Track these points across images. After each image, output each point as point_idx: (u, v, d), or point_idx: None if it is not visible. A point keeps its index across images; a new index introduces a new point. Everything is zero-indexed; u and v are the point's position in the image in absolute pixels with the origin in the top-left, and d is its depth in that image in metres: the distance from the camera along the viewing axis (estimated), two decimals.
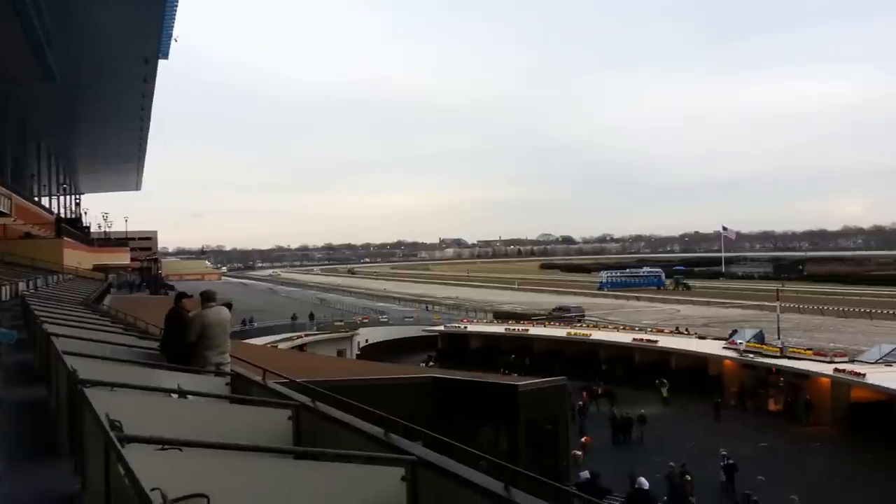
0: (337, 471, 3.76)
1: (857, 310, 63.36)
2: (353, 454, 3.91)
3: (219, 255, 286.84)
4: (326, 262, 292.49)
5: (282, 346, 39.79)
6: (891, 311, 61.07)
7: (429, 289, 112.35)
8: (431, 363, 41.40)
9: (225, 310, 7.76)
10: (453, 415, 15.46)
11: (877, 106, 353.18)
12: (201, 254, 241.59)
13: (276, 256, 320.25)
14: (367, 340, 49.43)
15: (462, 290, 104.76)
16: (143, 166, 69.58)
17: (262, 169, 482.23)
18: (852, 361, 29.49)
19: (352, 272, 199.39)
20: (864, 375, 26.94)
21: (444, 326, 51.51)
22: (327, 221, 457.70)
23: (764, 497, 19.27)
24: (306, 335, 46.86)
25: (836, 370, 28.14)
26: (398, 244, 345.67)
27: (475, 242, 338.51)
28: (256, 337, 41.67)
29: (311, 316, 56.84)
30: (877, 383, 26.34)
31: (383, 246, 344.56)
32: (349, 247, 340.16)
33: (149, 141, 57.26)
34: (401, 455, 3.99)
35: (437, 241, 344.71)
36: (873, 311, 62.07)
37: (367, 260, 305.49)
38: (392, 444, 4.41)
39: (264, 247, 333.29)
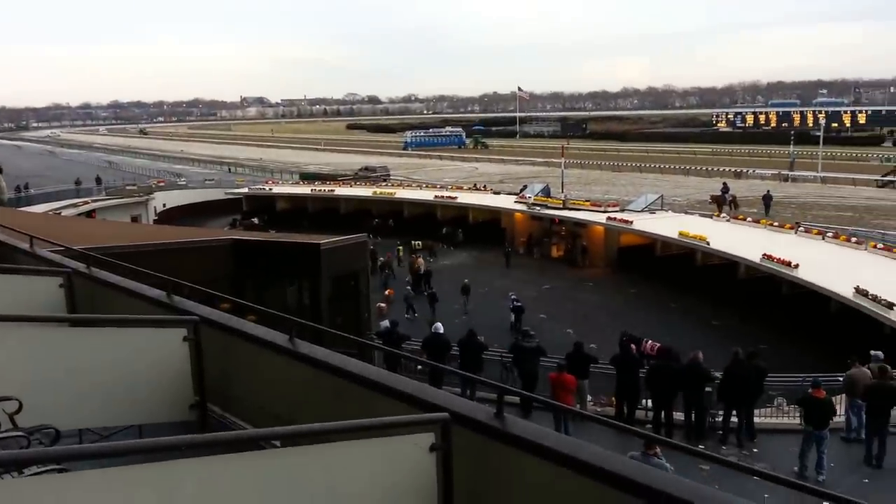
0: (115, 336, 3.77)
1: (629, 164, 70.22)
2: (131, 318, 3.92)
3: None
4: (114, 122, 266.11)
5: (66, 213, 36.46)
6: (657, 165, 68.44)
7: (230, 150, 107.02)
8: (239, 226, 40.39)
9: None
10: (257, 276, 15.47)
11: None
12: None
13: (54, 115, 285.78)
14: (164, 205, 46.68)
15: (266, 151, 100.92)
16: None
17: (32, 12, 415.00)
18: (622, 210, 33.00)
19: (144, 133, 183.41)
20: (631, 223, 30.43)
21: (248, 189, 49.87)
22: (113, 76, 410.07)
23: (545, 332, 21.71)
24: (94, 201, 43.17)
25: (608, 219, 31.44)
26: (195, 102, 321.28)
27: (279, 102, 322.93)
28: (35, 204, 37.86)
29: (99, 180, 52.46)
30: (642, 229, 29.95)
31: (178, 104, 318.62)
32: (139, 105, 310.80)
33: None
34: (183, 316, 4.05)
35: (238, 99, 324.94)
36: (642, 165, 69.21)
37: (161, 119, 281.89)
38: (175, 306, 4.44)
39: (39, 104, 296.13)
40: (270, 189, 49.49)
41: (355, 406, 3.23)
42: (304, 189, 48.90)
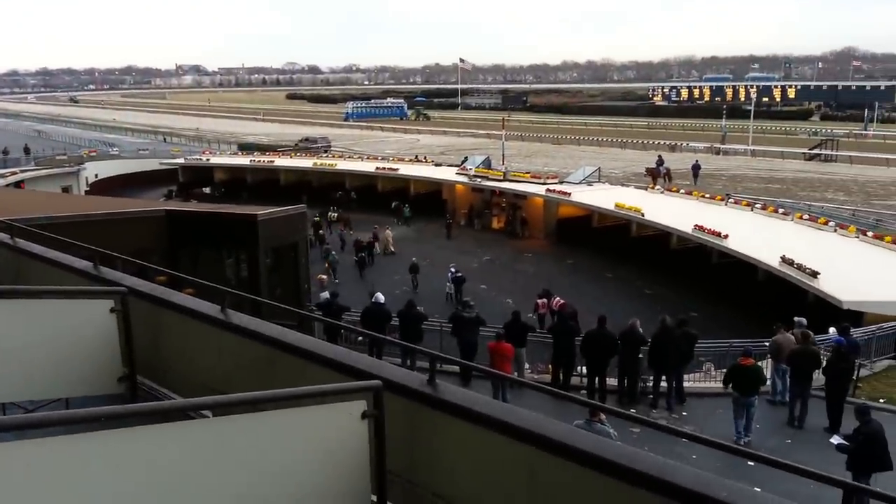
0: (39, 308, 3.65)
1: (568, 137, 71.03)
2: (55, 289, 3.80)
3: None
4: (43, 90, 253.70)
5: None
6: (595, 138, 69.43)
7: (166, 119, 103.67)
8: (174, 197, 39.37)
9: None
10: (192, 248, 15.14)
11: None
12: None
13: None
14: (96, 176, 45.13)
15: (203, 121, 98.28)
16: None
17: None
18: (561, 183, 33.46)
19: (74, 101, 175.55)
20: (569, 195, 30.90)
21: (185, 159, 48.56)
22: (42, 41, 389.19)
23: (485, 302, 21.94)
24: (22, 171, 41.50)
25: (548, 190, 31.86)
26: (128, 70, 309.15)
27: (216, 70, 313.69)
28: None
29: (27, 150, 50.42)
30: (579, 201, 30.47)
31: (111, 72, 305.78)
32: (69, 72, 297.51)
33: None
34: (110, 287, 3.95)
35: (173, 67, 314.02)
36: (581, 138, 70.10)
37: (93, 87, 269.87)
38: (102, 277, 4.33)
39: None
40: (208, 160, 48.31)
41: (288, 375, 3.23)
42: (243, 160, 47.88)
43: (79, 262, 4.61)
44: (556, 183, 33.21)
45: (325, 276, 25.07)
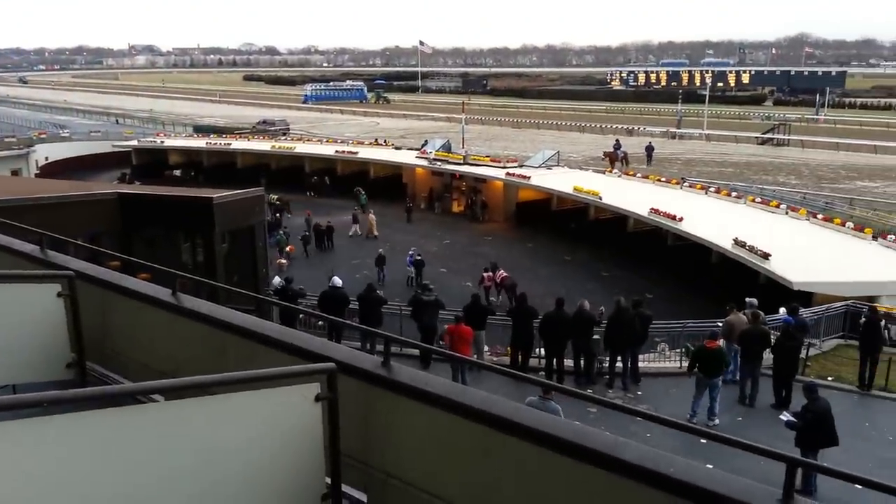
0: None
1: (528, 121, 71.32)
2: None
3: None
4: None
5: None
6: (554, 123, 69.84)
7: (118, 100, 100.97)
8: (129, 180, 38.38)
9: None
10: (146, 232, 14.86)
11: None
12: None
13: None
14: (46, 158, 43.78)
15: (157, 102, 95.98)
16: None
17: None
18: (521, 166, 33.63)
19: (23, 81, 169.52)
20: (529, 178, 31.08)
21: (139, 141, 47.37)
22: None
23: (444, 285, 21.98)
24: None
25: (507, 174, 31.97)
26: (79, 49, 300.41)
27: (171, 50, 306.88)
28: None
29: None
30: (539, 184, 30.68)
31: (61, 51, 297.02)
32: (18, 51, 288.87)
33: None
34: (57, 271, 3.86)
35: (126, 47, 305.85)
36: (541, 122, 70.46)
37: (43, 68, 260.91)
38: (49, 261, 4.22)
39: None
40: (162, 142, 47.23)
41: (241, 359, 3.21)
42: (199, 142, 46.97)
43: (24, 245, 4.49)
44: (515, 167, 33.33)
45: (284, 261, 24.95)
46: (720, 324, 13.88)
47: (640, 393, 13.31)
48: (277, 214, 30.59)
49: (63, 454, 2.12)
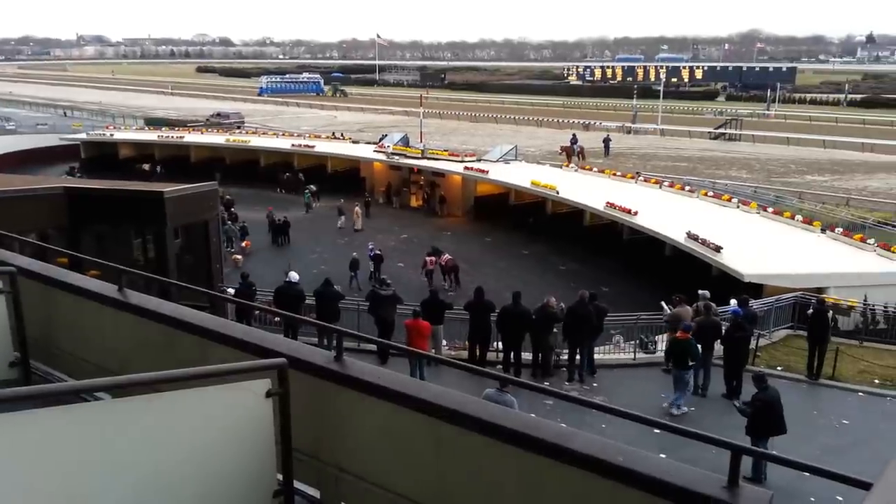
0: None
1: (486, 115, 71.51)
2: None
3: None
4: None
5: None
6: (512, 117, 70.17)
7: (66, 92, 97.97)
8: (78, 175, 37.37)
9: None
10: (95, 228, 14.48)
11: None
12: None
13: None
14: None
15: (107, 94, 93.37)
16: None
17: None
18: (479, 160, 33.72)
19: None
20: (487, 172, 31.20)
21: (87, 134, 46.12)
22: None
23: (403, 280, 21.94)
24: None
25: (465, 168, 32.04)
26: (25, 39, 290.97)
27: (120, 41, 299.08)
28: None
29: None
30: (497, 178, 30.83)
31: (6, 42, 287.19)
32: None
33: None
34: None
35: (74, 37, 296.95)
36: (499, 116, 70.72)
37: None
38: None
39: None
40: (112, 135, 46.10)
41: (190, 356, 3.16)
42: (151, 135, 45.96)
43: None
44: (473, 161, 33.39)
45: (239, 257, 24.63)
46: (663, 315, 14.20)
47: (595, 384, 13.50)
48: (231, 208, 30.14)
49: (5, 454, 2.06)
